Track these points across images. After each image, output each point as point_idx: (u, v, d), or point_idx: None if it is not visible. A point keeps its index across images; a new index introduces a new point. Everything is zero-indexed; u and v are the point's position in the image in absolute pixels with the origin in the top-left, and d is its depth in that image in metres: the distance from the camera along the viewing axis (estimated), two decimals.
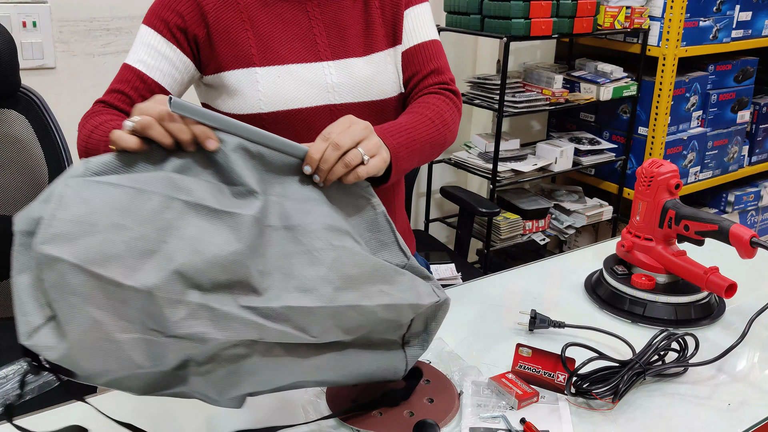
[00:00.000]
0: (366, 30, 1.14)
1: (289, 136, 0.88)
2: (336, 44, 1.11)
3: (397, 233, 0.83)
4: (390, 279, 0.78)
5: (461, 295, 1.27)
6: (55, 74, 1.90)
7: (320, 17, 1.11)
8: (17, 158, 1.57)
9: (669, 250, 1.19)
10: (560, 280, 1.33)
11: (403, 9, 1.17)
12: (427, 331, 0.89)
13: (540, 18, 2.20)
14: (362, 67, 1.12)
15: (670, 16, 2.49)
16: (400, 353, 0.86)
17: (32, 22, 1.82)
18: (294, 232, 0.76)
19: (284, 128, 1.06)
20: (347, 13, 1.13)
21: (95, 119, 1.03)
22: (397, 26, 1.16)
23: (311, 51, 1.09)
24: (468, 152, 2.57)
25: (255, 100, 1.04)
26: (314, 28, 1.11)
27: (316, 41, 1.10)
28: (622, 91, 2.56)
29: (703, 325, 1.16)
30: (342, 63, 1.11)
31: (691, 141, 2.74)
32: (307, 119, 1.07)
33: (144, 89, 1.06)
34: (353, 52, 1.12)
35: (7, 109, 1.54)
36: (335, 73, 1.10)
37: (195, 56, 1.08)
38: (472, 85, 2.48)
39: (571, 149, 2.57)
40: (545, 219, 2.60)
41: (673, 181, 1.18)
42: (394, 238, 0.83)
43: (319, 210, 0.79)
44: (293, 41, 1.08)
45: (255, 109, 1.04)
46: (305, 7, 1.11)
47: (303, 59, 1.08)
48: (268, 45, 1.07)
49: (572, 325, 1.12)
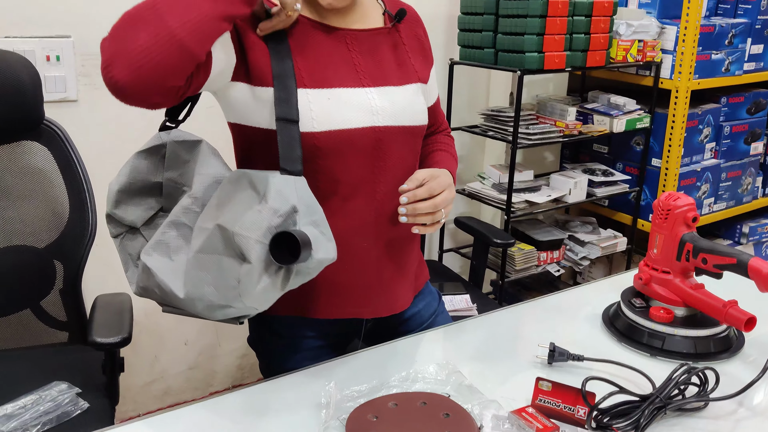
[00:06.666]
0: (397, 65, 1.21)
1: (336, 154, 1.09)
2: (375, 73, 1.17)
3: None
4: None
5: (478, 327, 1.27)
6: (76, 107, 1.94)
7: (358, 48, 1.17)
8: (39, 189, 1.60)
9: (687, 283, 1.19)
10: (577, 313, 1.33)
11: (425, 56, 1.29)
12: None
13: (553, 52, 2.23)
14: (400, 95, 1.18)
15: (683, 50, 2.51)
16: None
17: (56, 56, 1.87)
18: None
19: (333, 147, 1.10)
20: (380, 48, 1.20)
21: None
22: (423, 68, 1.26)
23: (354, 77, 1.14)
24: (482, 183, 2.58)
25: (308, 119, 1.08)
26: (354, 57, 1.16)
27: (357, 69, 1.15)
28: (635, 123, 2.57)
29: (723, 359, 1.15)
30: (382, 90, 1.16)
31: (705, 172, 2.75)
32: (354, 139, 1.11)
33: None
34: (390, 81, 1.18)
35: (30, 141, 1.58)
36: (377, 98, 1.15)
37: (238, 58, 1.09)
38: (486, 117, 2.50)
39: (584, 180, 2.58)
40: (560, 250, 2.60)
41: (690, 214, 1.18)
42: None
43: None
44: (337, 67, 1.13)
45: (308, 128, 1.07)
46: (345, 38, 1.16)
47: (347, 84, 1.13)
48: (314, 69, 1.11)
49: (591, 358, 1.12)
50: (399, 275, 1.24)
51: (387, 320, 1.28)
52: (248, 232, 0.94)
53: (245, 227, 0.95)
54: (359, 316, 1.22)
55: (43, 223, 1.60)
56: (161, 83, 0.91)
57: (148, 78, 0.89)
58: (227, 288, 0.96)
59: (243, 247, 0.94)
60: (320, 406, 1.01)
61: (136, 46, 0.88)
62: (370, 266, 1.19)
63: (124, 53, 0.88)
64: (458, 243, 2.83)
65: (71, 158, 1.59)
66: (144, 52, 0.88)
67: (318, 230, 1.00)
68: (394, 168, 1.17)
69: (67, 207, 1.60)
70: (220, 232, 0.97)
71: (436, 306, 1.38)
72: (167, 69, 0.90)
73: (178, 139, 1.09)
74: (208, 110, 1.48)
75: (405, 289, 1.27)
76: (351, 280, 1.18)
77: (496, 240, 2.09)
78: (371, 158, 1.14)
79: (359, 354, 1.18)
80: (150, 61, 0.88)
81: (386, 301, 1.23)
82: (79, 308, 1.64)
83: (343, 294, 1.18)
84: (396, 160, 1.17)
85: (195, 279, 0.98)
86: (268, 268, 0.95)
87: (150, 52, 0.88)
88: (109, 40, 0.91)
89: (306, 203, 1.00)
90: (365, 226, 1.16)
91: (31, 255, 1.59)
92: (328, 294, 1.18)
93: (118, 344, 1.36)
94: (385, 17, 1.23)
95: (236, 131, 1.16)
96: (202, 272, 0.98)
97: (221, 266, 0.96)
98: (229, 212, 0.98)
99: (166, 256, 1.03)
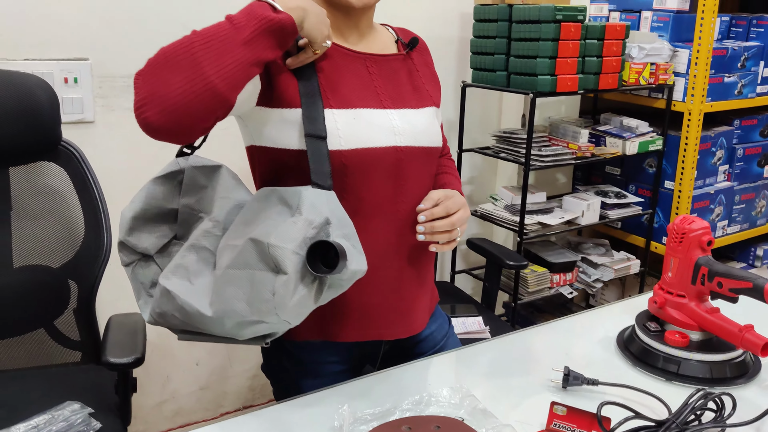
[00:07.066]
0: (413, 89, 1.25)
1: (362, 172, 1.12)
2: (394, 96, 1.20)
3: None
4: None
5: (491, 350, 1.27)
6: (93, 128, 1.96)
7: (377, 72, 1.20)
8: (55, 209, 1.61)
9: (702, 306, 1.18)
10: (591, 336, 1.32)
11: (435, 83, 1.33)
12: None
13: (566, 75, 2.24)
14: (418, 117, 1.21)
15: (695, 73, 2.51)
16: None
17: (74, 78, 1.89)
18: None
19: (359, 165, 1.12)
20: (398, 73, 1.24)
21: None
22: (435, 93, 1.30)
23: (375, 99, 1.17)
24: (494, 204, 2.58)
25: (335, 137, 1.09)
26: (375, 80, 1.19)
27: (378, 92, 1.18)
28: (648, 146, 2.57)
29: (739, 384, 1.14)
30: (402, 111, 1.19)
31: (718, 195, 2.73)
32: (378, 158, 1.14)
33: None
34: (409, 104, 1.21)
35: (48, 162, 1.59)
36: (398, 119, 1.18)
37: (264, 84, 1.10)
38: (498, 139, 2.50)
39: (597, 202, 2.57)
40: (573, 272, 2.59)
41: (705, 238, 1.18)
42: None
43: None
44: (360, 89, 1.16)
45: (335, 145, 1.09)
46: (365, 62, 1.20)
47: (370, 105, 1.16)
48: (338, 90, 1.13)
49: (606, 382, 1.12)
50: (418, 296, 1.25)
51: (402, 342, 1.28)
52: (284, 243, 0.95)
53: (281, 238, 0.95)
54: (381, 337, 1.22)
55: (58, 243, 1.62)
56: (193, 125, 0.93)
57: (180, 121, 0.91)
58: (261, 301, 0.96)
59: (279, 258, 0.94)
60: (333, 429, 1.00)
61: (171, 90, 0.90)
62: (392, 287, 1.19)
63: (159, 96, 0.90)
64: (470, 264, 2.83)
65: (87, 179, 1.60)
66: (178, 97, 0.90)
67: (349, 243, 1.00)
68: (413, 188, 1.19)
69: (82, 227, 1.61)
70: (254, 246, 0.97)
71: (447, 329, 1.38)
72: (200, 113, 0.92)
73: (197, 165, 1.10)
74: (223, 132, 1.50)
75: (423, 309, 1.28)
76: (374, 301, 1.18)
77: (508, 262, 2.08)
78: (393, 177, 1.16)
79: (372, 377, 1.18)
80: (184, 105, 0.90)
81: (407, 322, 1.24)
82: (93, 328, 1.65)
83: (367, 315, 1.19)
84: (415, 181, 1.19)
85: (225, 296, 0.97)
86: (303, 278, 0.96)
87: (185, 97, 0.90)
88: (144, 78, 0.93)
89: (337, 216, 1.02)
90: (387, 246, 1.17)
91: (46, 274, 1.60)
92: (351, 316, 1.18)
93: (131, 364, 1.36)
94: (398, 45, 1.28)
95: (260, 154, 1.16)
96: (232, 288, 0.97)
97: (254, 280, 0.96)
98: (261, 226, 0.99)
99: (185, 279, 1.02)
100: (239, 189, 1.10)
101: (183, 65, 0.91)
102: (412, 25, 2.57)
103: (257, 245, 0.96)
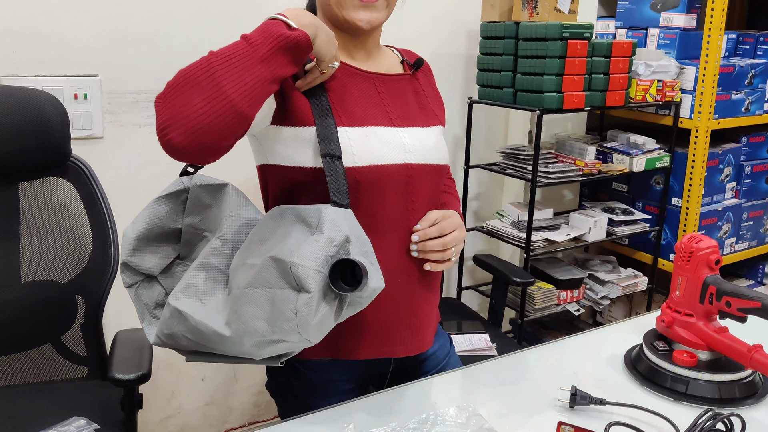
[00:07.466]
0: (420, 108, 1.26)
1: (375, 189, 1.13)
2: (403, 114, 1.22)
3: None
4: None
5: (497, 368, 1.26)
6: (102, 143, 1.97)
7: (386, 91, 1.22)
8: (64, 225, 1.62)
9: (710, 326, 1.18)
10: (598, 354, 1.31)
11: (439, 103, 1.36)
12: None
13: (572, 92, 2.24)
14: (427, 135, 1.23)
15: (702, 90, 2.51)
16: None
17: (83, 94, 1.91)
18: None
19: (373, 182, 1.13)
20: (405, 92, 1.26)
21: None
22: (440, 113, 1.33)
23: (385, 117, 1.19)
24: (501, 221, 2.58)
25: (349, 155, 1.11)
26: (383, 99, 1.21)
27: (387, 110, 1.20)
28: (655, 163, 2.57)
29: (748, 405, 1.13)
30: (412, 130, 1.21)
31: (726, 212, 2.73)
32: (390, 175, 1.15)
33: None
34: (417, 122, 1.23)
35: (57, 177, 1.60)
36: (408, 137, 1.19)
37: (278, 103, 1.12)
38: (505, 155, 2.51)
39: (604, 219, 2.57)
40: (579, 289, 2.58)
41: (713, 257, 1.17)
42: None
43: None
44: (369, 108, 1.18)
45: (350, 163, 1.11)
46: (374, 81, 1.21)
47: (381, 123, 1.17)
48: (348, 108, 1.15)
49: (613, 402, 1.11)
50: (427, 313, 1.26)
51: (408, 361, 1.27)
52: (306, 262, 0.95)
53: (303, 257, 0.95)
54: (393, 355, 1.23)
55: (66, 258, 1.62)
56: (215, 144, 0.94)
57: (203, 140, 0.92)
58: (283, 320, 0.95)
59: (301, 276, 0.94)
60: None
61: (192, 111, 0.91)
62: (403, 304, 1.20)
63: (181, 117, 0.91)
64: (477, 280, 2.82)
65: (96, 195, 1.61)
66: (200, 117, 0.91)
67: (368, 260, 1.01)
68: (423, 205, 1.20)
69: (90, 242, 1.62)
70: (274, 264, 0.96)
71: (448, 348, 1.38)
72: (222, 131, 0.93)
73: (202, 184, 1.09)
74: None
75: (432, 327, 1.29)
76: (386, 318, 1.19)
77: (515, 278, 2.08)
78: (403, 194, 1.17)
79: (378, 395, 1.17)
80: (206, 125, 0.91)
81: (417, 339, 1.24)
82: (99, 343, 1.65)
83: (378, 333, 1.19)
84: (425, 198, 1.20)
85: (245, 315, 0.97)
86: (326, 296, 0.96)
87: (206, 117, 0.91)
88: (164, 100, 0.94)
89: (356, 234, 1.02)
90: (399, 263, 1.18)
91: (54, 290, 1.61)
92: (363, 333, 1.18)
93: (137, 381, 1.36)
94: (403, 65, 1.30)
95: (273, 173, 1.17)
96: (252, 307, 0.97)
97: (274, 299, 0.96)
98: (280, 245, 0.99)
99: (196, 299, 1.02)
100: (247, 207, 1.10)
101: (203, 85, 0.92)
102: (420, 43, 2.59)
103: (278, 264, 0.96)
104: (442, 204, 1.31)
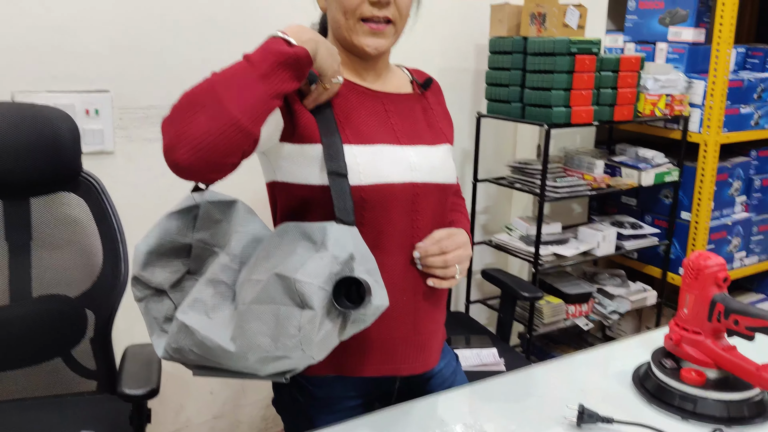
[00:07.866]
0: (428, 126, 1.27)
1: (380, 207, 1.14)
2: (410, 133, 1.22)
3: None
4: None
5: (505, 385, 1.26)
6: (112, 158, 1.99)
7: (394, 110, 1.23)
8: (75, 239, 1.63)
9: (718, 344, 1.17)
10: (606, 371, 1.31)
11: (448, 122, 1.36)
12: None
13: (580, 106, 2.24)
14: (434, 154, 1.23)
15: (711, 104, 2.51)
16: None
17: (95, 110, 1.93)
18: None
19: (379, 200, 1.14)
20: (413, 111, 1.27)
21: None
22: (449, 132, 1.33)
23: (392, 136, 1.20)
24: (509, 235, 2.58)
25: (355, 173, 1.12)
26: (391, 117, 1.22)
27: (394, 129, 1.21)
28: (664, 177, 2.56)
29: (756, 424, 1.13)
30: (418, 148, 1.21)
31: (736, 226, 2.72)
32: (396, 194, 1.16)
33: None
34: (424, 141, 1.24)
35: (68, 192, 1.62)
36: (415, 155, 1.20)
37: (286, 120, 1.13)
38: (513, 170, 2.51)
39: (613, 233, 2.56)
40: (588, 303, 2.57)
41: (721, 275, 1.17)
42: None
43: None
44: (376, 126, 1.19)
45: (355, 181, 1.11)
46: (381, 100, 1.23)
47: (387, 141, 1.18)
48: (356, 127, 1.16)
49: (621, 420, 1.11)
50: (433, 331, 1.26)
51: (414, 379, 1.27)
52: (311, 279, 0.96)
53: (307, 273, 0.96)
54: (398, 373, 1.22)
55: (76, 273, 1.63)
56: (221, 162, 0.95)
57: (208, 159, 0.94)
58: (287, 337, 0.96)
59: (305, 293, 0.95)
60: None
61: (196, 130, 0.93)
62: (408, 322, 1.20)
63: (186, 137, 0.93)
64: (485, 294, 2.82)
65: (106, 210, 1.63)
66: (204, 135, 0.93)
67: (372, 278, 1.01)
68: (429, 224, 1.20)
69: (100, 257, 1.63)
70: (279, 281, 0.97)
71: (455, 365, 1.38)
72: (226, 149, 0.94)
73: (213, 200, 1.11)
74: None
75: (438, 345, 1.29)
76: (392, 336, 1.19)
77: (523, 293, 2.07)
78: (409, 212, 1.17)
79: (385, 412, 1.17)
80: (210, 144, 0.93)
81: (423, 357, 1.24)
82: (109, 357, 1.66)
83: (384, 350, 1.19)
84: (431, 217, 1.21)
85: (249, 331, 0.98)
86: (329, 314, 0.97)
87: (210, 135, 0.93)
88: (169, 122, 0.96)
89: (360, 252, 1.03)
90: (405, 281, 1.18)
91: (64, 304, 1.62)
92: (369, 351, 1.18)
93: (146, 396, 1.37)
94: (413, 85, 1.31)
95: (281, 190, 1.18)
96: (256, 323, 0.97)
97: (279, 315, 0.96)
98: (285, 261, 0.99)
99: (203, 314, 1.03)
100: (254, 222, 1.11)
101: (206, 104, 0.94)
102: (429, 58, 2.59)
103: (283, 280, 0.97)
104: (451, 222, 1.31)
